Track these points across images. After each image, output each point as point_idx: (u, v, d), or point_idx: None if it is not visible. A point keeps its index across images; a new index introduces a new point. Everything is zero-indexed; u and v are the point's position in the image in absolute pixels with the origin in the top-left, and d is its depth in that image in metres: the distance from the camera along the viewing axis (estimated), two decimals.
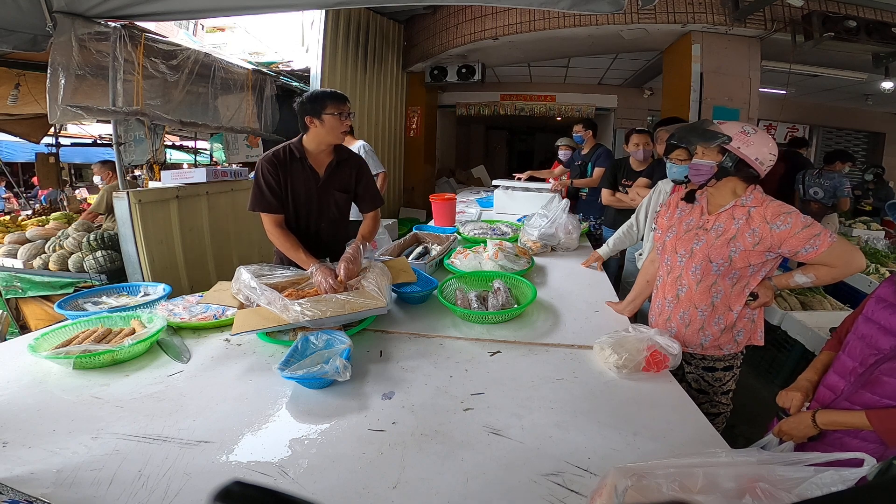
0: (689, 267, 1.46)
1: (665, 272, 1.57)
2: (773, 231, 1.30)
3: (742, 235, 1.34)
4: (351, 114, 1.77)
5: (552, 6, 1.89)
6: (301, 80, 4.90)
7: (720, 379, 1.55)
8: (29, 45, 2.26)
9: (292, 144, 1.83)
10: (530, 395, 1.17)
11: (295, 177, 1.82)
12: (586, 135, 3.83)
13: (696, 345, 1.51)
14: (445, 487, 0.86)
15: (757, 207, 1.35)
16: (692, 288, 1.46)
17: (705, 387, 1.58)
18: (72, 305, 1.74)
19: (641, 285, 1.79)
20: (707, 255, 1.40)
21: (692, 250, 1.45)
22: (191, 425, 1.03)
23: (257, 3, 2.23)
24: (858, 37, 3.77)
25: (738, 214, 1.37)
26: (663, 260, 1.58)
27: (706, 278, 1.43)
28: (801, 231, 1.27)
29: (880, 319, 1.09)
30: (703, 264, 1.41)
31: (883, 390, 1.03)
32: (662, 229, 1.61)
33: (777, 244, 1.31)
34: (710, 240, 1.40)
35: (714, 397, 1.58)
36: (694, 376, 1.59)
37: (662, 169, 2.74)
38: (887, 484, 0.34)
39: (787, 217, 1.29)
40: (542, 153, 12.29)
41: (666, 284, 1.56)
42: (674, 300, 1.53)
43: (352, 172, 1.92)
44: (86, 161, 9.55)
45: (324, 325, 1.41)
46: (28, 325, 3.04)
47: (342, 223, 2.00)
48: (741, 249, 1.35)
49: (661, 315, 1.58)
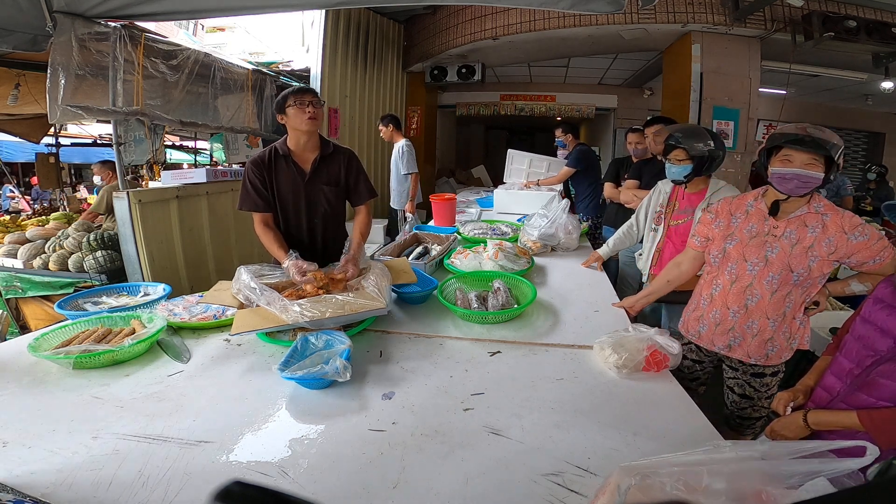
0: (763, 276, 1.39)
1: (728, 281, 1.47)
2: (849, 241, 1.28)
3: (819, 244, 1.31)
4: (315, 102, 1.79)
5: (552, 6, 1.89)
6: (301, 80, 4.89)
7: (767, 384, 1.52)
8: (29, 45, 2.26)
9: (277, 144, 1.87)
10: (530, 395, 1.17)
11: (280, 175, 1.86)
12: (567, 138, 4.04)
13: (760, 355, 1.46)
14: (445, 487, 0.86)
15: (831, 216, 1.32)
16: (765, 298, 1.40)
17: (751, 392, 1.53)
18: (72, 305, 1.74)
19: (661, 284, 1.75)
20: (787, 263, 1.34)
21: (766, 258, 1.38)
22: (191, 425, 1.03)
23: (257, 3, 2.24)
24: (858, 37, 3.77)
25: (811, 222, 1.33)
26: (725, 268, 1.49)
27: (783, 287, 1.37)
28: (876, 243, 1.28)
29: (877, 320, 1.08)
30: (783, 273, 1.35)
31: (879, 392, 1.02)
32: (715, 238, 1.52)
33: (849, 254, 1.30)
34: (785, 247, 1.35)
35: (758, 402, 1.54)
36: (739, 382, 1.54)
37: (650, 169, 2.76)
38: (887, 484, 0.34)
39: (865, 229, 1.29)
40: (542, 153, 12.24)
41: (729, 294, 1.47)
42: (741, 310, 1.45)
43: (340, 165, 1.93)
44: (86, 161, 9.55)
45: (323, 326, 1.41)
46: (28, 325, 3.04)
47: (337, 218, 2.00)
48: (818, 258, 1.31)
49: (721, 325, 1.50)
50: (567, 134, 4.07)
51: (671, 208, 2.09)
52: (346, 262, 1.67)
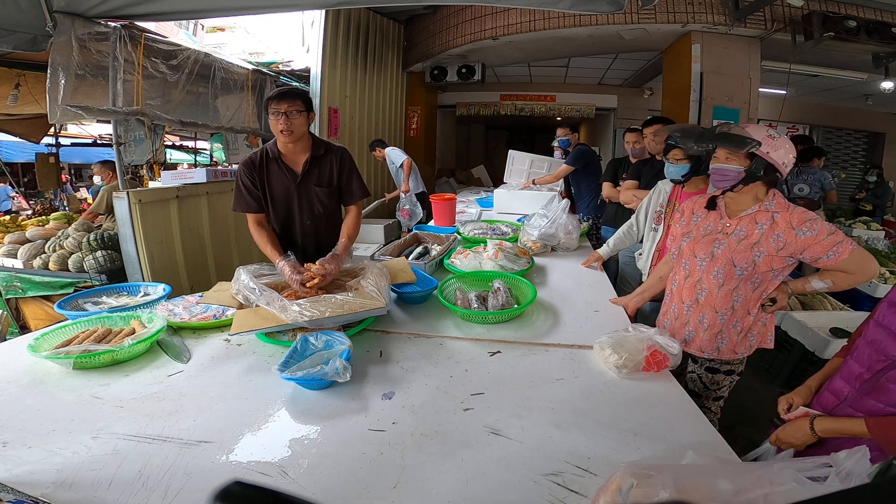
0: (710, 271, 1.45)
1: (682, 276, 1.55)
2: (798, 237, 1.30)
3: (766, 240, 1.34)
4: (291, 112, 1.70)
5: (552, 6, 1.89)
6: (301, 80, 4.89)
7: (718, 382, 1.55)
8: (29, 45, 2.26)
9: (268, 146, 1.86)
10: (530, 395, 1.17)
11: (271, 177, 1.85)
12: (573, 138, 4.09)
13: (712, 349, 1.50)
14: (445, 487, 0.86)
15: (782, 213, 1.34)
16: (713, 292, 1.45)
17: (700, 389, 1.57)
18: (72, 305, 1.74)
19: (653, 281, 1.78)
20: (730, 258, 1.39)
21: (713, 254, 1.43)
22: (191, 425, 1.03)
23: (257, 3, 2.24)
24: (858, 37, 3.77)
25: (761, 219, 1.37)
26: (680, 264, 1.56)
27: (728, 282, 1.42)
28: (826, 238, 1.27)
29: (891, 324, 1.06)
30: (727, 268, 1.40)
31: (888, 398, 1.00)
32: (676, 236, 1.59)
33: (800, 250, 1.31)
34: (731, 244, 1.39)
35: (705, 402, 1.57)
36: (693, 376, 1.58)
37: (649, 169, 2.77)
38: (887, 484, 0.34)
39: (813, 224, 1.29)
40: (542, 153, 12.24)
41: (683, 289, 1.54)
42: (693, 304, 1.51)
43: (333, 165, 1.90)
44: (86, 161, 9.55)
45: (323, 326, 1.41)
46: (28, 325, 3.04)
47: (332, 218, 1.99)
48: (765, 254, 1.34)
49: (679, 319, 1.56)
50: (574, 133, 4.12)
51: (671, 208, 2.10)
52: (330, 257, 1.67)
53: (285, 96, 1.73)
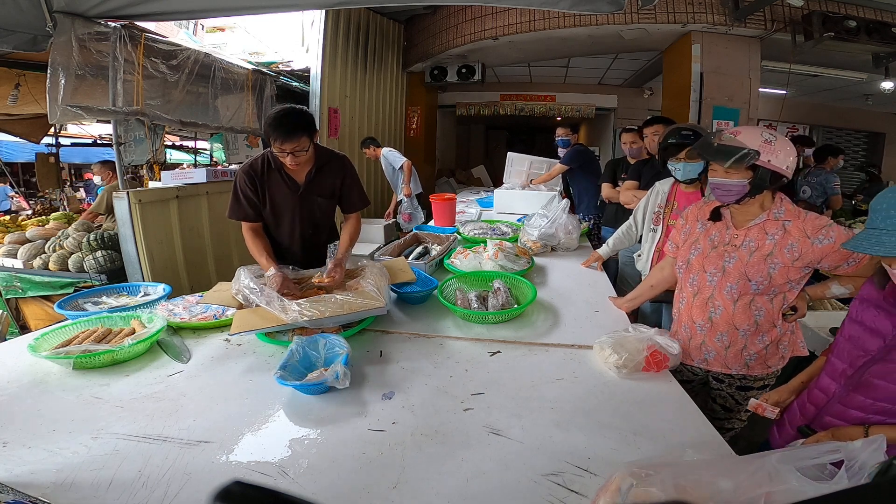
0: (722, 286, 1.35)
1: (691, 294, 1.44)
2: (814, 246, 1.23)
3: (780, 251, 1.26)
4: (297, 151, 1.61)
5: (552, 6, 1.89)
6: (301, 80, 4.90)
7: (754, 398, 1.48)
8: (29, 45, 2.26)
9: (269, 153, 1.77)
10: (530, 395, 1.17)
11: (273, 188, 1.80)
12: (574, 138, 4.08)
13: (740, 365, 1.40)
14: (445, 487, 0.86)
15: (793, 221, 1.27)
16: (728, 309, 1.35)
17: (733, 405, 1.50)
18: (72, 305, 1.74)
19: (644, 288, 1.75)
20: (743, 272, 1.30)
21: (724, 268, 1.34)
22: (191, 425, 1.03)
23: (257, 3, 2.24)
24: (858, 37, 3.77)
25: (770, 229, 1.29)
26: (687, 279, 1.46)
27: (743, 297, 1.33)
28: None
29: (865, 320, 1.08)
30: (741, 283, 1.31)
31: (875, 393, 1.02)
32: (681, 246, 1.51)
33: (817, 259, 1.24)
34: (742, 256, 1.31)
35: (737, 415, 1.51)
36: (723, 394, 1.50)
37: (649, 169, 2.76)
38: (887, 484, 0.34)
39: (829, 231, 1.22)
40: (542, 153, 12.24)
41: (693, 308, 1.43)
42: (706, 324, 1.41)
43: (336, 175, 1.87)
44: (86, 161, 9.54)
45: (322, 325, 1.40)
46: (28, 325, 3.04)
47: (329, 222, 1.99)
48: (780, 266, 1.26)
49: (692, 340, 1.45)
50: (575, 133, 4.13)
51: (669, 208, 2.09)
52: (334, 265, 1.66)
53: (290, 136, 1.57)
